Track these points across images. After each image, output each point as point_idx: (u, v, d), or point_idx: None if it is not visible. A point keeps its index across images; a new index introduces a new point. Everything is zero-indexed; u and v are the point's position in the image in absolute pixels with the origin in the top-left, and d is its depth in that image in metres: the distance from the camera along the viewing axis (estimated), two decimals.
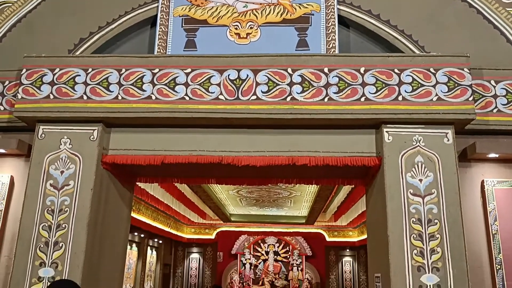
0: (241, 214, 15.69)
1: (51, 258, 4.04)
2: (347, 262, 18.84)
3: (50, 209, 4.16)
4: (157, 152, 4.39)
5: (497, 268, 4.16)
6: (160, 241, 16.47)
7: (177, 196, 11.77)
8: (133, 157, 4.40)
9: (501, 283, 4.12)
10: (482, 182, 4.42)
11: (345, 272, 18.82)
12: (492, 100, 4.47)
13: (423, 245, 3.90)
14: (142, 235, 14.25)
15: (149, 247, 15.54)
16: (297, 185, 10.40)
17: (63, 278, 3.97)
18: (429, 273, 3.83)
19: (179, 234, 16.99)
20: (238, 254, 19.67)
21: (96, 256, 4.28)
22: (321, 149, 4.31)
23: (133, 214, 11.82)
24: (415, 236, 3.92)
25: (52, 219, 4.13)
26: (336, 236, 17.87)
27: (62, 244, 4.06)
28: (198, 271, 18.95)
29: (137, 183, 8.99)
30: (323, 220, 16.64)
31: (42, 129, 4.39)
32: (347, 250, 18.70)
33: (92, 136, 4.35)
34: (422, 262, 3.86)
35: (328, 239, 17.94)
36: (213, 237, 18.21)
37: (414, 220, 3.96)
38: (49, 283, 3.93)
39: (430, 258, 3.87)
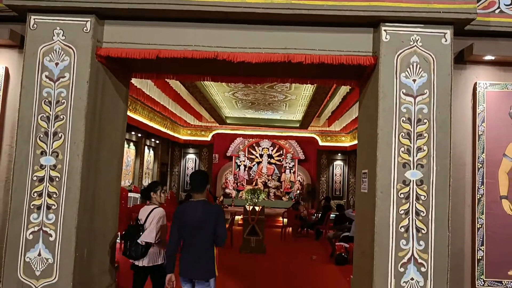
0: (236, 117, 15.87)
1: (51, 148, 4.18)
2: (338, 166, 19.56)
3: (47, 100, 4.21)
4: (152, 46, 4.35)
5: (479, 166, 4.37)
6: (157, 141, 16.87)
7: (173, 97, 11.81)
8: (128, 50, 4.36)
9: (480, 180, 4.35)
10: (475, 84, 4.47)
11: (336, 175, 19.62)
12: (495, 0, 4.36)
13: (411, 143, 4.05)
14: (140, 135, 14.57)
15: (146, 147, 15.96)
16: (293, 88, 10.44)
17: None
18: (413, 169, 4.02)
19: (175, 135, 17.33)
20: (233, 156, 20.29)
21: (95, 146, 4.43)
22: (317, 47, 4.28)
23: (130, 114, 11.96)
24: (403, 135, 4.05)
25: (50, 110, 4.20)
26: (329, 140, 18.32)
27: (61, 135, 4.18)
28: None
29: (133, 82, 8.99)
30: (317, 125, 16.92)
31: (34, 19, 4.29)
32: (339, 154, 19.31)
33: (86, 28, 4.27)
34: (408, 159, 4.04)
35: (320, 143, 18.41)
36: (209, 139, 18.63)
37: (404, 119, 4.06)
38: (51, 171, 4.11)
39: (416, 156, 4.04)
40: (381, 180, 4.05)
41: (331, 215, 13.49)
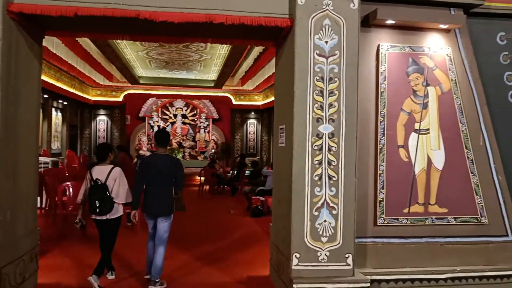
0: (150, 77, 15.55)
1: None
2: (252, 124, 20.11)
3: None
4: (70, 3, 4.22)
5: (381, 120, 4.93)
6: (65, 103, 16.04)
7: (82, 55, 11.30)
8: (43, 7, 4.19)
9: (382, 132, 4.93)
10: (378, 46, 4.98)
11: (249, 133, 20.19)
12: None
13: (323, 100, 4.46)
14: (46, 96, 13.75)
15: (53, 108, 15.13)
16: (208, 48, 10.51)
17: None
18: (326, 123, 4.45)
19: (84, 95, 16.59)
20: (146, 117, 19.95)
21: (12, 109, 4.27)
22: (238, 9, 4.45)
23: None
24: (317, 92, 4.44)
25: None
26: (242, 99, 18.70)
27: None
28: (106, 133, 19.05)
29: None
30: (231, 85, 17.17)
31: None
32: (252, 113, 19.82)
33: None
34: (321, 114, 4.45)
35: (234, 102, 18.75)
36: (120, 99, 18.08)
37: (318, 78, 4.44)
38: None
39: (328, 111, 4.46)
40: (297, 134, 4.43)
41: (246, 172, 14.04)
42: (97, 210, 5.03)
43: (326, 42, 4.45)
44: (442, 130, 5.04)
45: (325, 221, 4.44)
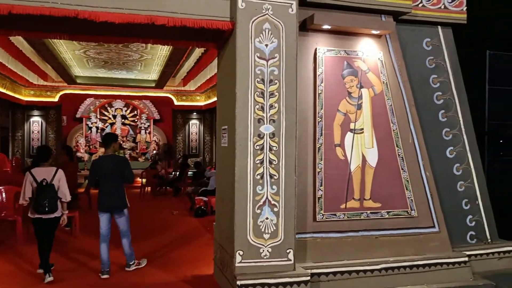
0: (87, 76, 15.06)
1: None
2: (194, 125, 20.02)
3: None
4: (4, 0, 4.08)
5: (319, 120, 5.17)
6: None
7: (15, 54, 10.79)
8: None
9: (320, 132, 5.16)
10: (316, 50, 5.21)
11: (192, 133, 20.08)
12: None
13: (264, 101, 4.61)
14: None
15: None
16: (149, 48, 10.39)
17: None
18: (267, 123, 4.61)
19: (16, 96, 15.78)
20: (84, 118, 19.28)
21: None
22: (179, 11, 4.51)
23: None
24: (258, 94, 4.59)
25: None
26: (184, 100, 18.58)
27: None
28: (41, 135, 18.20)
29: None
30: (172, 85, 17.01)
31: None
32: (194, 113, 19.73)
33: None
34: (262, 115, 4.60)
35: (176, 103, 18.58)
36: (56, 99, 17.34)
37: (259, 80, 4.59)
38: None
39: (269, 112, 4.62)
40: (239, 134, 4.56)
41: (189, 172, 13.99)
42: (46, 209, 5.21)
43: (266, 45, 4.61)
44: (375, 130, 5.36)
45: (267, 218, 4.59)
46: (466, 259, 5.42)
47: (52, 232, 5.46)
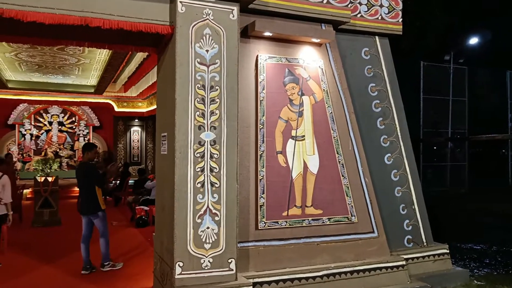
0: (20, 81, 14.21)
1: None
2: (136, 132, 19.48)
3: None
4: None
5: (261, 127, 5.14)
6: None
7: None
8: None
9: (262, 139, 5.14)
10: (257, 56, 5.19)
11: (133, 141, 19.52)
12: None
13: (205, 107, 4.51)
14: None
15: None
16: (86, 51, 9.96)
17: None
18: (207, 130, 4.51)
19: None
20: (16, 125, 18.22)
21: None
22: (116, 13, 4.32)
23: None
24: (198, 100, 4.48)
25: None
26: (125, 106, 18.04)
27: None
28: None
29: None
30: (113, 91, 16.44)
31: None
32: (136, 120, 19.21)
33: None
34: (202, 122, 4.50)
35: (117, 109, 18.00)
36: None
37: (199, 86, 4.49)
38: None
39: (210, 119, 4.53)
40: (179, 141, 4.42)
41: (130, 181, 13.54)
42: None
43: (207, 50, 4.52)
44: (316, 137, 5.40)
45: (208, 227, 4.48)
46: (404, 262, 5.58)
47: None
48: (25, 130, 18.38)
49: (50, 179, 10.11)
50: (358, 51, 6.07)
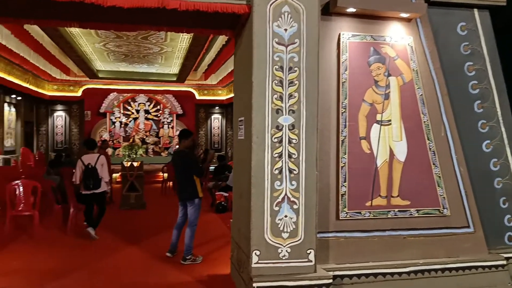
0: (109, 71, 14.99)
1: None
2: (216, 119, 19.84)
3: None
4: None
5: (342, 111, 4.80)
6: (19, 98, 15.29)
7: (35, 47, 10.74)
8: None
9: (344, 123, 4.80)
10: (339, 35, 4.84)
11: (214, 128, 19.91)
12: None
13: (283, 90, 4.28)
14: None
15: (6, 104, 14.38)
16: (168, 40, 10.18)
17: None
18: (286, 114, 4.27)
19: (40, 90, 15.90)
20: (107, 113, 19.31)
21: None
22: None
23: None
24: (276, 82, 4.26)
25: None
26: (206, 94, 18.40)
27: None
28: (65, 129, 18.34)
29: None
30: (194, 79, 16.82)
31: None
32: (216, 108, 19.55)
33: None
34: (280, 105, 4.27)
35: (198, 97, 18.42)
36: (79, 94, 17.42)
37: (277, 68, 4.26)
38: None
39: (288, 102, 4.29)
40: (256, 126, 4.24)
41: (210, 167, 13.73)
42: (90, 187, 6.98)
43: (286, 30, 4.27)
44: (404, 121, 4.95)
45: (286, 216, 4.27)
46: (504, 262, 4.99)
47: (100, 203, 7.22)
48: (115, 118, 19.44)
49: (135, 164, 10.51)
50: (453, 26, 5.44)
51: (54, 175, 9.27)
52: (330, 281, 4.26)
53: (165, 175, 13.26)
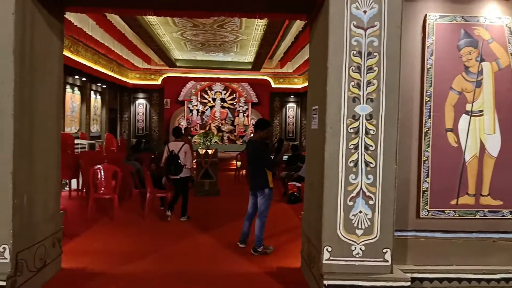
0: (187, 59, 15.34)
1: None
2: (291, 108, 19.64)
3: None
4: None
5: (427, 100, 4.40)
6: (104, 86, 16.15)
7: (118, 37, 11.20)
8: None
9: (428, 114, 4.39)
10: (425, 16, 4.41)
11: (289, 117, 19.74)
12: None
13: (361, 77, 3.98)
14: (84, 79, 13.83)
15: (92, 91, 15.25)
16: (243, 28, 10.11)
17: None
18: (363, 103, 3.98)
19: (123, 79, 16.65)
20: (185, 101, 19.86)
21: (28, 87, 4.06)
22: None
23: (72, 56, 11.27)
24: (353, 69, 3.97)
25: None
26: (282, 82, 18.24)
27: None
28: (145, 116, 19.13)
29: (73, 21, 8.37)
30: (269, 67, 16.71)
31: None
32: (292, 96, 19.33)
33: None
34: (358, 94, 3.98)
35: (273, 85, 18.31)
36: (159, 83, 18.04)
37: (355, 53, 3.96)
38: None
39: (366, 90, 3.98)
40: (331, 115, 3.99)
41: (284, 157, 13.60)
42: (171, 172, 7.57)
43: (365, 11, 3.95)
44: (498, 112, 4.43)
45: (360, 212, 4.00)
46: None
47: (183, 188, 7.68)
48: (193, 106, 19.96)
49: (210, 151, 10.64)
50: None
51: (134, 161, 9.64)
52: (408, 283, 3.94)
53: (239, 163, 13.35)
